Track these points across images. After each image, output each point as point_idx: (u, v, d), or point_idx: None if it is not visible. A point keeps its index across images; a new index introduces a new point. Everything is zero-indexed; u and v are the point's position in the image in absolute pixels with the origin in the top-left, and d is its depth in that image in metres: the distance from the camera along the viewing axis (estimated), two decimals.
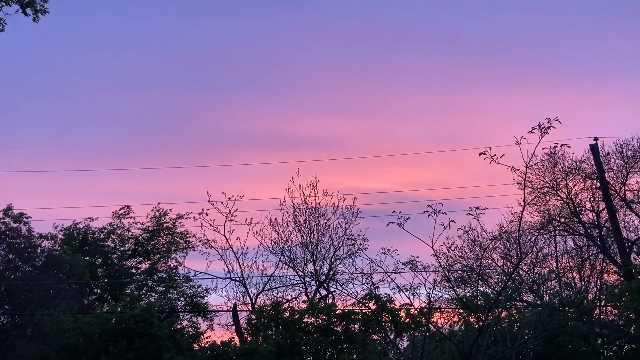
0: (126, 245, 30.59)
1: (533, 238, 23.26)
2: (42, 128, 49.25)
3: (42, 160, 48.08)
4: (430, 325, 16.22)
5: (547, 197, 24.36)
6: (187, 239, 30.43)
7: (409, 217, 13.02)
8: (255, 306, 21.64)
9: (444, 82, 46.03)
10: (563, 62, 45.54)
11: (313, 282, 22.88)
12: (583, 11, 45.67)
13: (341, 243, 22.80)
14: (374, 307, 17.59)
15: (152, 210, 30.61)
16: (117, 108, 48.57)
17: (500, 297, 15.40)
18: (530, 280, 22.41)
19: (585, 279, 23.40)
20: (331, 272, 22.71)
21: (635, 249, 23.43)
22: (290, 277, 23.10)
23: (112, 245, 30.24)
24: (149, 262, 30.50)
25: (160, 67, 48.25)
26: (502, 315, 17.06)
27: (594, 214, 23.93)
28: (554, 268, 23.26)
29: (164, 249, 30.62)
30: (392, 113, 47.12)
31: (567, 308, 17.57)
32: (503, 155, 12.27)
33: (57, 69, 48.70)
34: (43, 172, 47.17)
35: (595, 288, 23.31)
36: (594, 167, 22.40)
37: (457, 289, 20.73)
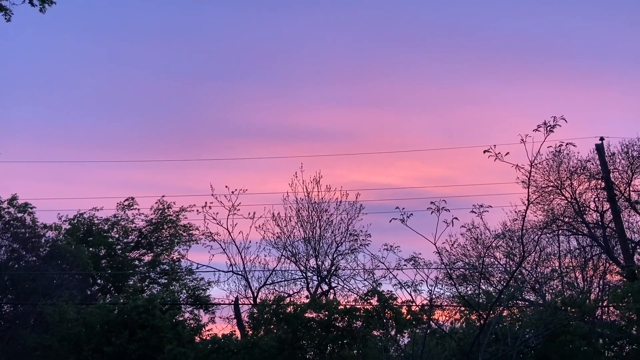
0: (130, 237, 30.67)
1: (536, 237, 23.22)
2: (48, 118, 49.40)
3: (47, 150, 48.23)
4: (431, 322, 16.21)
5: (551, 196, 24.32)
6: (190, 232, 30.49)
7: (412, 214, 13.02)
8: (258, 299, 21.68)
9: (452, 76, 45.96)
10: (573, 59, 45.41)
11: (315, 277, 22.90)
12: (594, 10, 45.49)
13: (343, 238, 22.81)
14: (376, 303, 17.58)
15: (156, 202, 30.69)
16: (123, 100, 48.71)
17: (502, 296, 15.39)
18: (533, 279, 22.37)
19: (588, 279, 23.35)
20: (333, 268, 22.72)
21: (638, 250, 23.37)
22: (292, 272, 23.14)
23: (116, 236, 30.32)
24: (152, 254, 30.58)
25: (165, 59, 48.34)
26: (504, 314, 17.04)
27: (597, 214, 23.86)
28: (557, 267, 23.21)
29: (167, 241, 30.68)
30: (400, 107, 47.10)
31: (569, 308, 17.54)
32: (508, 153, 12.26)
33: (63, 59, 48.80)
34: (48, 163, 47.37)
35: (597, 288, 23.25)
36: (599, 167, 22.31)
37: (459, 287, 20.70)
